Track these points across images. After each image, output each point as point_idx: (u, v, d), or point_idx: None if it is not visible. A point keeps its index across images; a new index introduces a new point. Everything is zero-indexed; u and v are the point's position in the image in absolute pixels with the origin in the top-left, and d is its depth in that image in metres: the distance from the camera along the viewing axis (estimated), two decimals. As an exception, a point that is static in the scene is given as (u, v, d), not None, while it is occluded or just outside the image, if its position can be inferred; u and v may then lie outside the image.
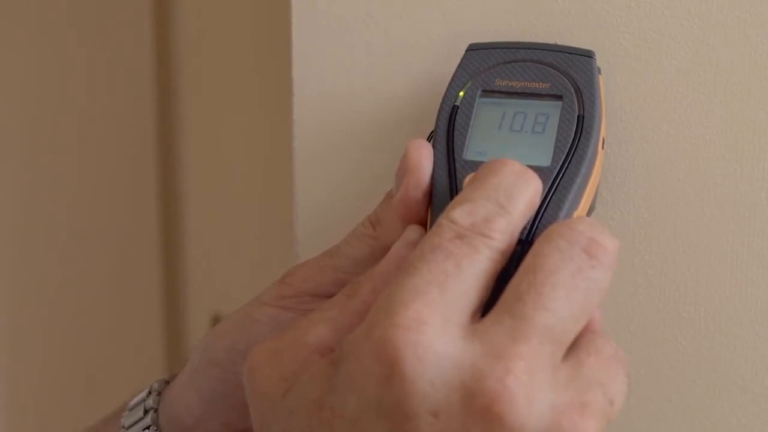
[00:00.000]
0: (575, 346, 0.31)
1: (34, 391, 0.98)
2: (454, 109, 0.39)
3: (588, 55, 0.39)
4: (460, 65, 0.40)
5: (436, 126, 0.39)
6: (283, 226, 0.61)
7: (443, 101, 0.39)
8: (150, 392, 0.43)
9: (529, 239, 0.35)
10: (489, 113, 0.38)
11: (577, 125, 0.37)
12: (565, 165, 0.36)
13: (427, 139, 0.39)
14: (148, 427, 0.42)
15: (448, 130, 0.38)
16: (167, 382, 0.44)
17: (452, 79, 0.40)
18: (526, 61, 0.39)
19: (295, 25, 0.47)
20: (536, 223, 0.35)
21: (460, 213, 0.31)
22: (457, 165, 0.37)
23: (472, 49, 0.40)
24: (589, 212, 0.38)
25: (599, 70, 0.39)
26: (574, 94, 0.38)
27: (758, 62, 0.40)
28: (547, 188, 0.36)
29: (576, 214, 0.36)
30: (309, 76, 0.47)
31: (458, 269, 0.30)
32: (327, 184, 0.47)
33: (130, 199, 1.02)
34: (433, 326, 0.29)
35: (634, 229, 0.42)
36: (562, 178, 0.36)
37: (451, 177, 0.37)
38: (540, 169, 0.36)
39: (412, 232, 0.36)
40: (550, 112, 0.38)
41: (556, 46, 0.40)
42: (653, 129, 0.41)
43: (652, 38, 0.41)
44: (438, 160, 0.38)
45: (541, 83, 0.38)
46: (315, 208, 0.48)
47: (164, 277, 1.07)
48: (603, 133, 0.38)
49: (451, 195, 0.36)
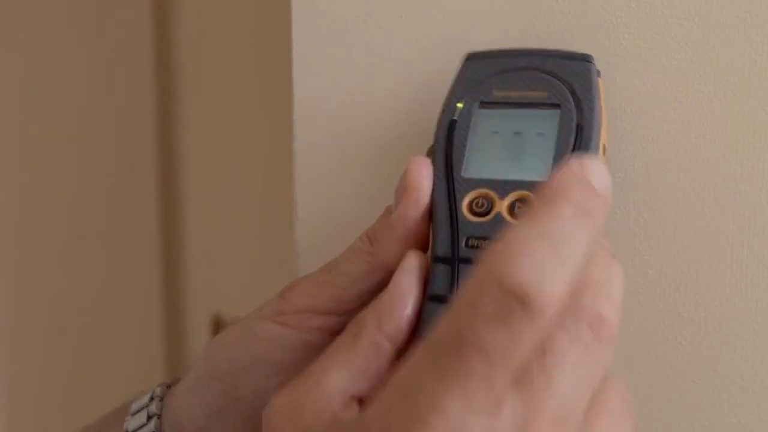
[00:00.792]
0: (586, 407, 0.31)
1: (34, 391, 0.98)
2: (453, 123, 0.38)
3: (586, 59, 0.38)
4: (458, 75, 0.40)
5: (435, 141, 0.38)
6: (283, 226, 0.61)
7: (442, 114, 0.39)
8: (152, 398, 0.44)
9: None
10: (487, 127, 0.38)
11: (576, 136, 0.37)
12: None
13: (427, 153, 0.39)
14: None
15: (447, 146, 0.38)
16: (169, 386, 0.44)
17: (450, 90, 0.39)
18: (523, 69, 0.39)
19: (295, 25, 0.47)
20: None
21: (510, 269, 0.29)
22: (456, 184, 0.37)
23: (471, 58, 0.40)
24: None
25: (599, 72, 0.39)
26: (573, 103, 0.37)
27: (758, 62, 0.40)
28: None
29: None
30: (309, 76, 0.47)
31: (501, 360, 0.29)
32: (327, 184, 0.47)
33: (130, 199, 1.02)
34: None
35: (634, 229, 0.42)
36: None
37: (450, 195, 0.37)
38: (540, 185, 0.35)
39: (414, 259, 0.36)
40: (548, 124, 0.37)
41: (554, 51, 0.39)
42: (653, 129, 0.41)
43: (652, 38, 0.41)
44: (437, 178, 0.38)
45: (539, 92, 0.38)
46: (315, 209, 0.48)
47: (164, 278, 1.07)
48: (603, 139, 0.38)
49: (450, 213, 0.37)
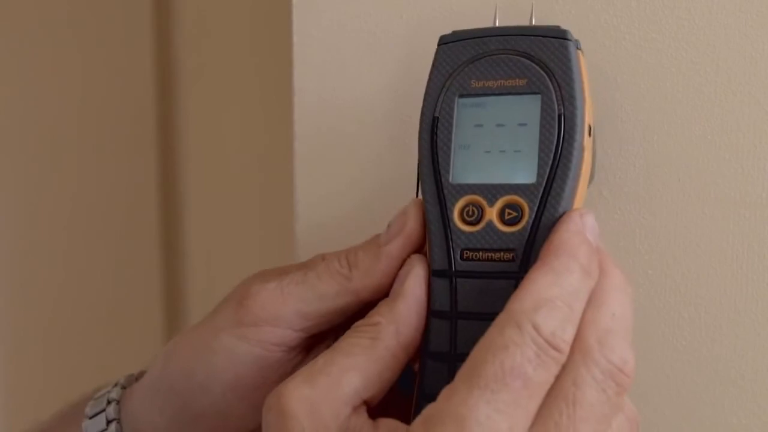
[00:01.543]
0: None
1: (34, 390, 0.98)
2: (435, 121, 0.38)
3: (563, 36, 0.37)
4: (434, 64, 0.39)
5: (420, 142, 0.38)
6: (283, 226, 0.61)
7: (423, 109, 0.38)
8: (109, 401, 0.43)
9: (526, 268, 0.35)
10: (469, 126, 0.37)
11: (558, 127, 0.36)
12: (551, 178, 0.35)
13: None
14: None
15: (432, 148, 0.37)
16: (124, 387, 0.43)
17: (429, 82, 0.38)
18: (500, 53, 0.37)
19: (296, 25, 0.47)
20: (530, 248, 0.35)
21: (543, 319, 0.31)
22: (445, 192, 0.37)
23: (444, 42, 0.39)
24: (588, 185, 0.38)
25: (578, 43, 0.37)
26: (553, 89, 0.36)
27: (759, 62, 0.40)
28: (536, 207, 0.35)
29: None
30: (309, 76, 0.47)
31: (532, 401, 0.31)
32: (327, 184, 0.47)
33: (130, 199, 1.02)
34: None
35: (635, 229, 0.42)
36: (549, 194, 0.35)
37: (441, 205, 0.37)
38: (526, 187, 0.35)
39: (420, 267, 0.36)
40: (530, 112, 0.36)
41: (528, 28, 0.38)
42: (654, 129, 0.41)
43: (653, 38, 0.41)
44: (426, 186, 0.37)
45: (517, 80, 0.37)
46: (315, 208, 0.48)
47: (164, 277, 1.07)
48: (589, 119, 0.36)
49: (443, 224, 0.36)
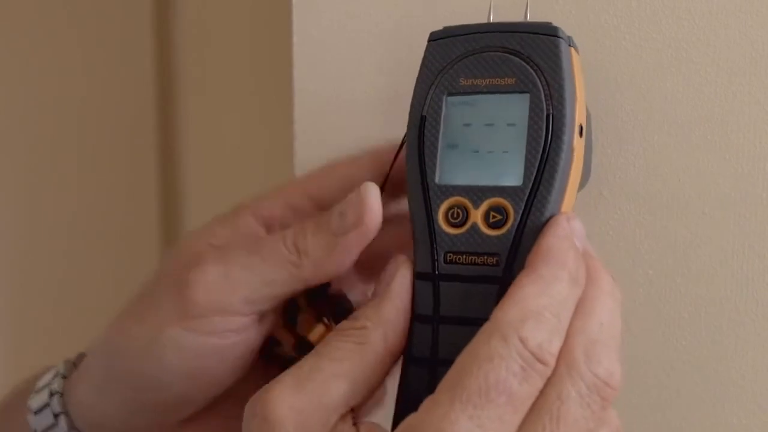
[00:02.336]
0: None
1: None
2: (423, 120, 0.37)
3: (554, 33, 0.36)
4: (423, 61, 0.38)
5: (408, 140, 0.37)
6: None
7: (412, 107, 0.38)
8: (52, 393, 0.42)
9: (510, 273, 0.34)
10: (457, 125, 0.37)
11: (546, 127, 0.35)
12: (538, 181, 0.35)
13: (401, 143, 0.39)
14: None
15: (419, 147, 0.37)
16: (65, 377, 0.42)
17: (418, 79, 0.38)
18: (489, 51, 0.37)
19: (296, 25, 0.47)
20: (514, 253, 0.35)
21: (530, 331, 0.31)
22: (431, 193, 0.36)
23: (434, 39, 0.38)
24: (581, 186, 0.37)
25: (570, 40, 0.37)
26: (541, 88, 0.36)
27: (759, 62, 0.40)
28: (521, 210, 0.35)
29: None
30: (309, 76, 0.47)
31: (515, 416, 0.30)
32: (327, 184, 0.47)
33: (130, 198, 1.02)
34: None
35: (635, 229, 0.42)
36: (535, 197, 0.35)
37: (426, 205, 0.36)
38: (512, 190, 0.35)
39: (407, 269, 0.36)
40: (519, 112, 0.36)
41: (519, 25, 0.37)
42: (654, 129, 0.41)
43: (653, 38, 0.41)
44: (412, 186, 0.37)
45: (507, 78, 0.36)
46: (315, 208, 0.48)
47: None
48: (580, 118, 0.36)
49: (428, 225, 0.36)
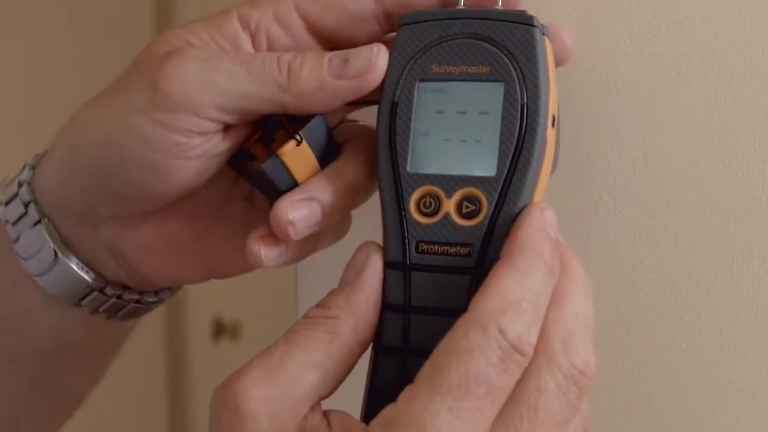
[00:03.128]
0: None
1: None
2: (394, 106, 0.37)
3: (529, 22, 0.36)
4: (395, 46, 0.37)
5: (378, 127, 0.37)
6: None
7: (383, 93, 0.37)
8: (20, 183, 0.42)
9: (483, 263, 0.35)
10: (429, 112, 0.37)
11: (521, 118, 0.35)
12: (511, 172, 0.35)
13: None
14: (38, 221, 0.42)
15: (390, 134, 0.37)
16: (33, 168, 0.43)
17: (389, 65, 0.37)
18: (463, 37, 0.36)
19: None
20: (487, 243, 0.35)
21: (509, 322, 0.31)
22: (402, 181, 0.36)
23: (406, 23, 0.37)
24: (553, 169, 0.37)
25: (544, 29, 0.36)
26: (516, 78, 0.35)
27: (759, 66, 0.40)
28: (494, 200, 0.35)
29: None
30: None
31: (494, 406, 0.31)
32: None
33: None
34: None
35: (635, 233, 0.42)
36: (509, 188, 0.35)
37: (397, 194, 0.36)
38: (485, 180, 0.35)
39: (378, 258, 0.36)
40: (493, 101, 0.36)
41: (494, 12, 0.37)
42: (654, 133, 0.41)
43: (653, 42, 0.41)
44: (383, 172, 0.37)
45: (480, 66, 0.36)
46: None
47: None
48: (553, 109, 0.36)
49: (399, 214, 0.36)
